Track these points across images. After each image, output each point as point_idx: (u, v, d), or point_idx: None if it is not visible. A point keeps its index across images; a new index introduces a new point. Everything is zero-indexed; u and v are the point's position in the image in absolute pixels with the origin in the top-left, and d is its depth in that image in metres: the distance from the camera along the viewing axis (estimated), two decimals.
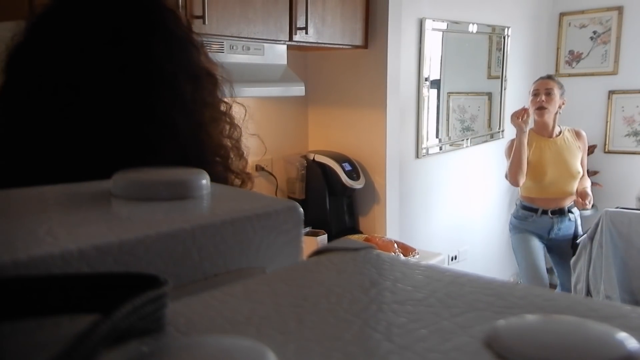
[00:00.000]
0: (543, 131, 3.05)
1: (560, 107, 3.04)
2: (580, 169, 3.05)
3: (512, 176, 2.99)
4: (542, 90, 3.01)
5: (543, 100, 2.97)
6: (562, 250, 3.13)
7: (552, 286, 3.40)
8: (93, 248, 0.29)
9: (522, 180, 2.97)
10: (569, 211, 3.08)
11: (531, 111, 3.01)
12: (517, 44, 3.93)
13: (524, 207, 3.11)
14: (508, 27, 3.79)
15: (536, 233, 3.10)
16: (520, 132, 2.90)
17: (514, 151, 2.94)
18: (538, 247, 3.11)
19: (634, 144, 4.15)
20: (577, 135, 3.13)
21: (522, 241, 3.13)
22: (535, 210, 3.06)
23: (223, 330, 0.25)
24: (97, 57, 0.62)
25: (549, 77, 3.15)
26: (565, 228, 3.09)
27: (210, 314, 0.27)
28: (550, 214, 3.05)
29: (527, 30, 4.07)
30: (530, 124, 3.01)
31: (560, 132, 3.07)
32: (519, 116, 2.91)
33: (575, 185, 3.05)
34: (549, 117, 3.01)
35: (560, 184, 3.03)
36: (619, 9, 4.06)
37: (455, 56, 3.40)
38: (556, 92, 3.00)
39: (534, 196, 3.06)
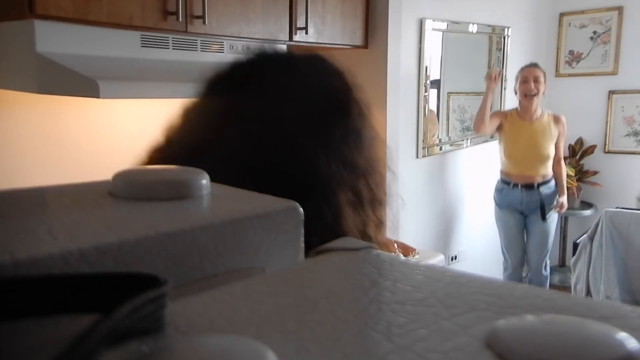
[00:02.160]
0: (525, 115, 3.38)
1: (543, 92, 3.40)
2: (550, 152, 3.38)
3: (475, 125, 3.40)
4: (531, 77, 3.32)
5: (533, 88, 3.31)
6: (531, 218, 3.47)
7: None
8: (93, 248, 0.29)
9: (483, 130, 3.38)
10: (538, 186, 3.39)
11: (519, 97, 3.38)
12: (517, 44, 3.93)
13: (501, 180, 3.51)
14: (508, 27, 3.79)
15: (511, 205, 3.47)
16: (489, 89, 3.29)
17: (480, 104, 3.33)
18: (514, 219, 3.49)
19: (634, 144, 4.15)
20: (556, 120, 3.43)
21: (500, 216, 3.53)
22: (508, 184, 3.44)
23: (223, 330, 0.25)
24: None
25: (535, 65, 3.44)
26: (534, 201, 3.41)
27: (210, 314, 0.27)
28: (520, 187, 3.40)
29: (527, 30, 4.06)
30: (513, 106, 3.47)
31: (540, 116, 3.40)
32: (492, 77, 3.30)
33: (545, 165, 3.40)
34: (535, 103, 3.34)
35: (531, 163, 3.39)
36: (619, 9, 4.06)
37: (455, 56, 3.40)
38: (542, 79, 3.35)
39: (508, 171, 3.45)
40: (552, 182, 3.43)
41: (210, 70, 0.67)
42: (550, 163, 3.40)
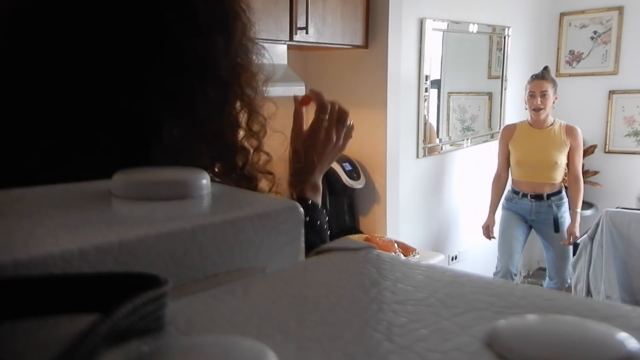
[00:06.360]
0: (535, 124, 3.37)
1: (554, 102, 3.34)
2: (558, 161, 3.31)
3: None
4: (538, 92, 3.29)
5: (539, 103, 3.28)
6: (544, 230, 3.43)
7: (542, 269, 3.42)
8: (93, 248, 0.29)
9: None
10: (548, 197, 3.34)
11: (529, 110, 3.36)
12: (518, 44, 3.93)
13: (511, 190, 3.49)
14: (508, 27, 3.79)
15: (519, 214, 3.45)
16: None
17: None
18: (518, 225, 3.46)
19: (634, 144, 4.15)
20: (569, 131, 3.35)
21: (505, 219, 3.50)
22: (517, 193, 3.43)
23: (223, 330, 0.25)
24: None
25: (543, 76, 3.34)
26: (544, 212, 3.37)
27: (210, 314, 0.27)
28: (529, 197, 3.37)
29: (527, 30, 4.06)
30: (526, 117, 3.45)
31: (550, 125, 3.34)
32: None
33: (555, 175, 3.34)
34: (544, 115, 3.32)
35: (539, 171, 3.34)
36: (620, 9, 4.05)
37: (456, 56, 3.39)
38: (550, 91, 3.29)
39: (518, 179, 3.43)
40: (563, 193, 3.36)
41: None
42: (559, 173, 3.33)
